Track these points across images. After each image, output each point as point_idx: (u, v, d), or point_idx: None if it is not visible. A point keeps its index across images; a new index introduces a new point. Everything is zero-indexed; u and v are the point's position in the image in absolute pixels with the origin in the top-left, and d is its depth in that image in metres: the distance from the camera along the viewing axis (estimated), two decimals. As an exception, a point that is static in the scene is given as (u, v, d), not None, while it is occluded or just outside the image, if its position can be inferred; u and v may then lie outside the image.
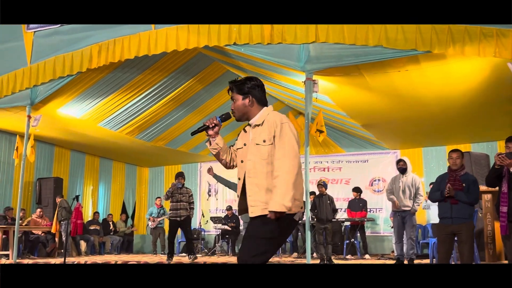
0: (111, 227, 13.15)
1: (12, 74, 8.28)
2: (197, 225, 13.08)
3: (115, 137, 11.08)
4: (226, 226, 11.95)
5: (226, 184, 7.17)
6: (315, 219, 8.95)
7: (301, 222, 6.88)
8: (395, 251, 7.97)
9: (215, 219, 12.25)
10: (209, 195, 14.31)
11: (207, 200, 14.28)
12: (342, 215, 11.63)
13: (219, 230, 12.12)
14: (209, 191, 14.33)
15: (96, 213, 12.98)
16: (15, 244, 8.30)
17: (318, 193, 8.98)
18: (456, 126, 9.62)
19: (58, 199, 10.71)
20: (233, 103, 3.12)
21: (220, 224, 12.01)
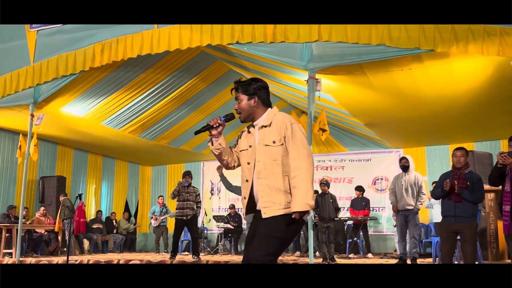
0: (115, 223, 13.17)
1: (15, 73, 8.31)
2: (200, 223, 13.08)
3: (118, 135, 11.09)
4: (228, 225, 11.96)
5: (228, 187, 7.17)
6: (317, 218, 8.95)
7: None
8: (398, 250, 7.96)
9: (217, 218, 12.26)
10: (211, 194, 14.33)
11: (210, 198, 14.28)
12: (344, 214, 11.63)
13: (222, 229, 12.14)
14: (211, 189, 14.34)
15: (99, 211, 13.00)
16: (18, 242, 8.33)
17: (320, 191, 8.97)
18: (459, 125, 9.60)
19: (61, 198, 10.74)
20: (237, 103, 3.11)
21: (223, 222, 12.02)
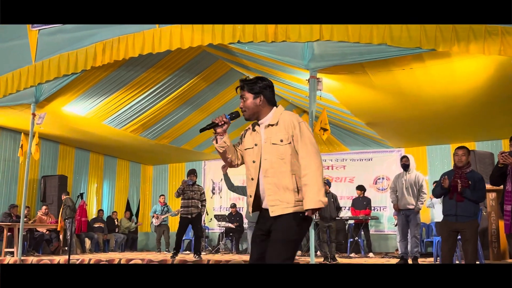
0: (117, 222, 13.18)
1: (17, 72, 8.31)
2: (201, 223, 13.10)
3: (119, 135, 11.11)
4: (230, 224, 11.97)
5: (230, 187, 7.17)
6: (319, 217, 8.95)
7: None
8: (399, 249, 7.96)
9: (219, 217, 12.27)
10: (213, 193, 14.33)
11: (211, 198, 14.28)
12: (346, 213, 11.63)
13: (223, 228, 12.15)
14: (213, 189, 14.35)
15: (100, 210, 13.01)
16: (20, 241, 8.34)
17: (322, 191, 8.95)
18: (460, 124, 9.60)
19: (63, 196, 10.75)
20: (242, 102, 3.12)
21: (224, 222, 12.03)
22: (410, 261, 7.72)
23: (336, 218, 9.05)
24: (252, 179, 3.07)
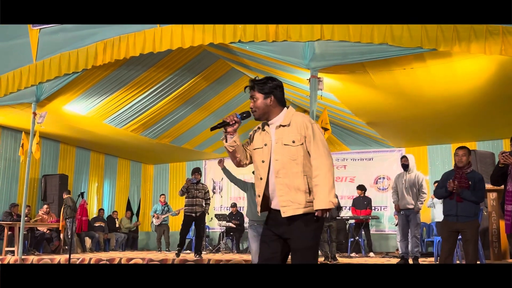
0: (117, 224, 13.19)
1: (17, 71, 8.31)
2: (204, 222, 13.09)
3: (120, 134, 11.11)
4: (230, 224, 11.97)
5: (232, 179, 7.16)
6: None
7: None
8: (400, 249, 7.96)
9: (219, 217, 12.27)
10: (213, 193, 14.32)
11: (212, 197, 14.26)
12: (346, 213, 11.63)
13: (224, 227, 12.14)
14: (213, 188, 14.34)
15: (101, 210, 13.02)
16: (21, 240, 8.35)
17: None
18: (461, 124, 9.60)
19: (64, 195, 10.76)
20: (252, 102, 3.12)
21: (225, 221, 12.03)
22: (410, 261, 7.72)
23: (337, 218, 9.05)
24: (261, 178, 3.07)
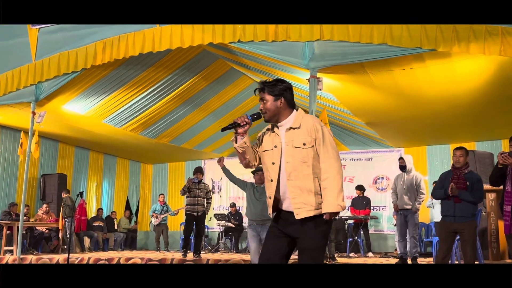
0: (115, 224, 13.18)
1: (16, 71, 8.31)
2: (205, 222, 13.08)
3: (119, 133, 11.10)
4: (229, 223, 11.96)
5: (232, 178, 7.18)
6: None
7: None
8: (398, 249, 7.97)
9: (218, 216, 12.26)
10: (212, 192, 14.31)
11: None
12: (345, 213, 11.60)
13: (223, 227, 12.14)
14: (213, 188, 14.33)
15: (100, 209, 13.01)
16: (19, 240, 8.34)
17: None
18: (460, 124, 9.60)
19: (64, 195, 10.75)
20: (262, 104, 3.13)
21: (224, 221, 12.02)
22: (409, 261, 7.72)
23: (336, 218, 9.03)
24: (272, 180, 3.09)
